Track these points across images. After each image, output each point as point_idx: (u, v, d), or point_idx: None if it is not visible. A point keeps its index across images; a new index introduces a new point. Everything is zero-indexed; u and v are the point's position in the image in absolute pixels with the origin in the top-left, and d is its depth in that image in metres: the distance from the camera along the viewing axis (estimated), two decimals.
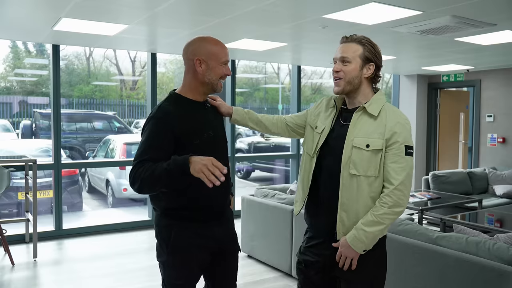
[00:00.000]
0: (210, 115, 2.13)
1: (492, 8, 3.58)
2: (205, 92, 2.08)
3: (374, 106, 1.97)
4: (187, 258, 2.03)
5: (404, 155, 1.91)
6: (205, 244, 2.06)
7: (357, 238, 1.90)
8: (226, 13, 3.85)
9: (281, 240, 4.21)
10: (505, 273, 2.40)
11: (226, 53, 2.07)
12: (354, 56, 1.96)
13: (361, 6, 3.53)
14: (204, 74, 2.01)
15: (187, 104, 2.03)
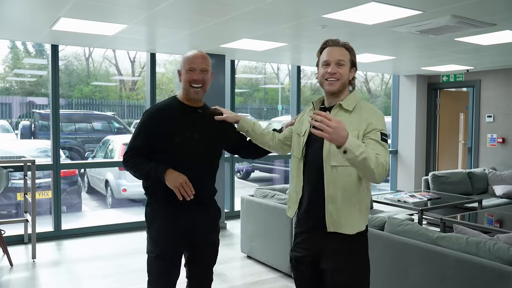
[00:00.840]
0: (200, 119, 2.40)
1: (492, 8, 3.57)
2: (190, 98, 2.39)
3: (349, 102, 2.15)
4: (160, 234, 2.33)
5: (380, 140, 2.03)
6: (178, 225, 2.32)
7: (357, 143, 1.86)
8: (225, 13, 3.84)
9: (280, 240, 4.20)
10: (506, 274, 2.39)
11: (192, 61, 2.34)
12: (346, 60, 2.18)
13: (361, 6, 3.52)
14: (182, 82, 2.37)
15: (178, 107, 2.38)
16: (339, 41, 2.22)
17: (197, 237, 2.39)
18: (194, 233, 2.37)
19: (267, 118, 17.15)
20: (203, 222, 2.40)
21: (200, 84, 2.35)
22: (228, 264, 4.62)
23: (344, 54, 2.18)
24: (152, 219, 2.37)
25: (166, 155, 2.29)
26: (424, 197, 5.43)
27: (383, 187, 9.67)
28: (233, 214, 6.59)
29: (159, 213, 2.34)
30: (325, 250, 2.12)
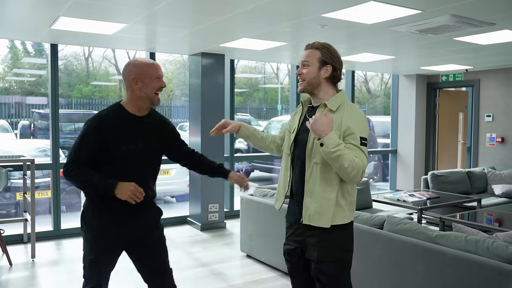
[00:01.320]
0: (145, 128, 2.39)
1: (491, 7, 3.57)
2: (144, 106, 2.37)
3: (333, 102, 2.25)
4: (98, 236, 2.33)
5: (359, 145, 2.15)
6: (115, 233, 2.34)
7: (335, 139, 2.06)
8: (225, 12, 3.84)
9: (280, 239, 4.18)
10: (504, 272, 2.40)
11: (158, 69, 2.36)
12: (312, 60, 2.27)
13: (360, 5, 3.52)
14: (141, 90, 2.31)
15: (124, 116, 2.35)
16: (313, 43, 2.31)
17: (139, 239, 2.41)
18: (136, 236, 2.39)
19: (266, 118, 17.15)
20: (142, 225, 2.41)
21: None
22: (228, 263, 4.62)
23: (311, 54, 2.28)
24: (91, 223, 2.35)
25: (109, 166, 2.30)
26: (423, 196, 5.43)
27: (382, 186, 9.68)
28: (232, 213, 6.59)
29: (99, 217, 2.34)
30: (307, 242, 2.28)
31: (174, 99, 14.52)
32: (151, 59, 2.42)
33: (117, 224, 2.34)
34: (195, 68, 6.05)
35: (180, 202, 7.78)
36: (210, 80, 5.98)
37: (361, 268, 3.17)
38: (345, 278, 2.28)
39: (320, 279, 2.23)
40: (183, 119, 12.41)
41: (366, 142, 2.18)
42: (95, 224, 2.34)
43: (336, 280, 2.23)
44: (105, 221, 2.33)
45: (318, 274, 2.23)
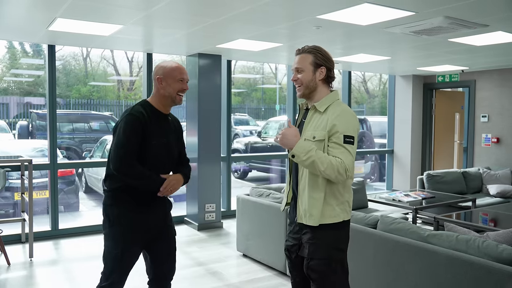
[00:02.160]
0: (168, 125, 2.60)
1: (484, 9, 3.61)
2: (167, 104, 2.57)
3: (322, 104, 2.33)
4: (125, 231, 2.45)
5: (342, 143, 2.20)
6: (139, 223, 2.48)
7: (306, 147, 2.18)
8: (221, 14, 3.87)
9: (275, 239, 4.23)
10: (493, 270, 2.44)
11: (182, 72, 2.54)
12: (305, 64, 2.34)
13: (355, 7, 3.56)
14: (165, 89, 2.51)
15: (153, 111, 2.53)
16: (304, 47, 2.36)
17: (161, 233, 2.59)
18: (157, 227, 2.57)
19: (265, 118, 17.18)
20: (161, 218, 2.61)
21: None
22: (224, 262, 4.66)
23: (304, 59, 2.34)
24: (119, 219, 2.46)
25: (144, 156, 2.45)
26: (418, 196, 5.47)
27: (379, 186, 9.73)
28: (229, 213, 6.63)
29: (127, 214, 2.46)
30: (302, 239, 2.37)
31: None
32: (179, 63, 2.58)
33: (143, 217, 2.48)
34: (192, 68, 6.08)
35: (178, 202, 7.81)
36: (207, 80, 6.02)
37: (354, 267, 3.21)
38: (336, 275, 2.31)
39: (309, 275, 2.32)
40: (181, 118, 12.45)
41: (351, 140, 2.22)
42: (123, 219, 2.46)
43: (325, 277, 2.29)
44: (133, 215, 2.46)
45: (308, 271, 2.32)
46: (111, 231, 2.48)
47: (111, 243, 2.48)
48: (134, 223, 2.47)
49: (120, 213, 2.47)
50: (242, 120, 15.68)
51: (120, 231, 2.46)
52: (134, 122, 2.41)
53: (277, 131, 11.26)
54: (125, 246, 2.46)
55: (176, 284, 3.93)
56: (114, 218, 2.47)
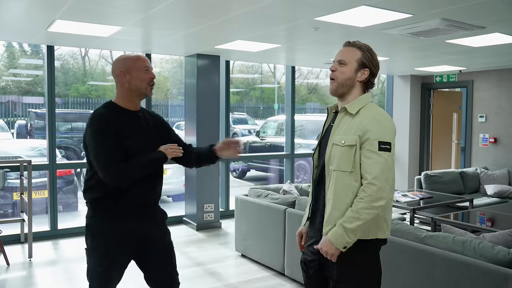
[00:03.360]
0: (142, 123, 2.38)
1: (480, 11, 3.63)
2: (135, 99, 2.36)
3: (354, 106, 2.06)
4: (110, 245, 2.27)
5: (377, 151, 1.95)
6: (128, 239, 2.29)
7: (338, 233, 1.94)
8: (220, 15, 3.89)
9: (274, 239, 4.26)
10: (489, 272, 2.47)
11: (145, 60, 2.34)
12: (350, 59, 2.08)
13: (352, 9, 3.58)
14: (130, 83, 2.30)
15: (120, 111, 2.31)
16: (357, 42, 2.14)
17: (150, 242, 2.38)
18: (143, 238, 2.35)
19: (263, 117, 17.20)
20: (154, 227, 2.40)
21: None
22: (222, 262, 4.68)
23: (351, 53, 2.09)
24: (101, 233, 2.28)
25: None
26: (416, 197, 5.50)
27: None
28: (227, 213, 6.65)
29: (109, 226, 2.27)
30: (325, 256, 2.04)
31: (171, 98, 14.56)
32: (138, 53, 2.41)
33: (129, 229, 2.28)
34: (191, 69, 6.10)
35: (176, 202, 7.83)
36: (206, 80, 6.04)
37: None
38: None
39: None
40: (180, 118, 12.45)
41: (388, 147, 1.97)
42: (105, 232, 2.26)
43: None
44: (116, 227, 2.27)
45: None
46: (94, 246, 2.29)
47: (95, 259, 2.29)
48: (120, 234, 2.26)
49: (103, 225, 2.26)
50: (240, 119, 15.70)
51: (104, 245, 2.26)
52: (100, 122, 2.22)
53: (275, 131, 11.28)
54: (111, 262, 2.27)
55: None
56: (96, 231, 2.28)
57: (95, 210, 2.32)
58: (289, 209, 4.09)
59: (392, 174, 1.98)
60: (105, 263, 2.28)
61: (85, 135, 2.28)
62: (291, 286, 4.00)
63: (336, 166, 2.01)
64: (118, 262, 2.32)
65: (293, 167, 7.43)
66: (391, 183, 1.98)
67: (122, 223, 2.28)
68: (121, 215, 2.28)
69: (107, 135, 2.20)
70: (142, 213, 2.34)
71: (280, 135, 10.78)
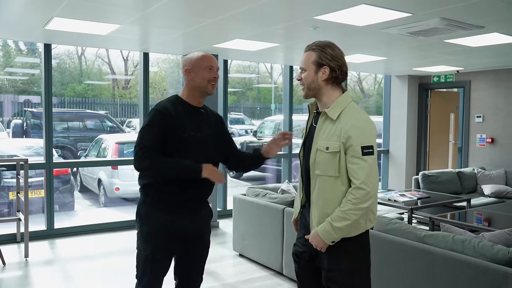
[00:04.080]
0: (202, 119, 2.45)
1: (480, 11, 3.64)
2: (199, 96, 2.43)
3: (334, 110, 2.12)
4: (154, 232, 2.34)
5: (361, 156, 2.02)
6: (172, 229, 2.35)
7: (326, 230, 2.06)
8: (218, 14, 3.87)
9: (272, 239, 4.24)
10: (489, 271, 2.46)
11: (210, 60, 2.40)
12: (308, 64, 2.16)
13: (352, 8, 3.57)
14: (193, 80, 2.38)
15: (183, 105, 2.40)
16: (310, 45, 2.19)
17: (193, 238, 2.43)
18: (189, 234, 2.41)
19: (260, 117, 17.21)
20: (198, 223, 2.45)
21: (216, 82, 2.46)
22: (220, 262, 4.66)
23: (307, 58, 2.16)
24: (147, 218, 2.37)
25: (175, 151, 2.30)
26: (414, 196, 5.50)
27: None
28: (225, 213, 6.63)
29: (156, 213, 2.35)
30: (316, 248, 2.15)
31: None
32: (206, 52, 2.45)
33: (174, 219, 2.35)
34: None
35: None
36: None
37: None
38: (359, 285, 2.18)
39: (329, 287, 2.16)
40: None
41: (370, 150, 2.03)
42: (152, 218, 2.35)
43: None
44: (162, 215, 2.34)
45: (328, 282, 2.15)
46: (141, 231, 2.38)
47: (142, 243, 2.37)
48: (163, 224, 2.33)
49: (149, 212, 2.36)
50: (237, 120, 15.69)
51: (149, 231, 2.35)
52: (158, 116, 2.31)
53: (272, 131, 11.28)
54: (155, 247, 2.34)
55: (173, 284, 3.93)
56: (143, 216, 2.38)
57: (144, 196, 2.41)
58: (287, 209, 4.08)
59: (376, 175, 2.08)
60: (148, 247, 2.35)
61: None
62: (289, 285, 3.99)
63: (322, 171, 2.10)
64: (162, 248, 2.37)
65: (291, 166, 7.42)
66: (376, 184, 2.08)
67: (169, 214, 2.35)
68: (167, 205, 2.35)
69: (156, 127, 2.28)
70: (192, 208, 2.42)
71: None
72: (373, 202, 2.08)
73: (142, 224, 2.38)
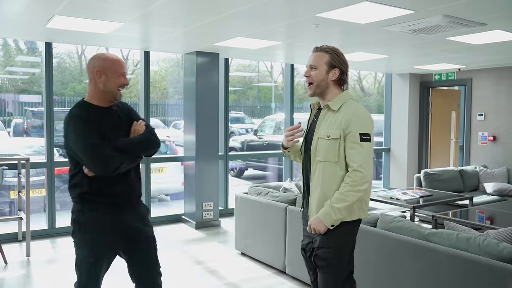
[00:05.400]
0: (115, 119, 2.40)
1: (483, 8, 3.62)
2: (108, 100, 2.37)
3: (335, 103, 2.37)
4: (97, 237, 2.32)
5: (359, 141, 2.27)
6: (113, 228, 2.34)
7: (326, 212, 2.28)
8: (219, 12, 3.86)
9: (274, 237, 4.23)
10: (494, 268, 2.45)
11: (122, 66, 2.38)
12: (320, 63, 2.38)
13: (354, 5, 3.55)
14: (105, 84, 2.32)
15: (93, 108, 2.34)
16: (322, 47, 2.41)
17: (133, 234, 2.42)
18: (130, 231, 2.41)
19: (260, 116, 17.18)
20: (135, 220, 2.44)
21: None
22: (223, 261, 4.65)
23: (320, 57, 2.38)
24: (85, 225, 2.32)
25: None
26: (416, 195, 5.49)
27: (375, 184, 9.74)
28: (227, 212, 6.62)
29: (93, 218, 2.32)
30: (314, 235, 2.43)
31: (168, 97, 14.51)
32: (116, 55, 2.41)
33: (114, 220, 2.34)
34: (190, 66, 6.06)
35: (175, 201, 7.79)
36: (205, 78, 6.00)
37: (355, 265, 3.21)
38: (343, 266, 2.40)
39: (316, 263, 2.40)
40: (177, 117, 12.41)
41: (368, 138, 2.28)
42: (92, 225, 2.32)
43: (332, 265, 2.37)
44: (102, 219, 2.32)
45: (315, 258, 2.40)
46: (83, 239, 2.33)
47: (84, 251, 2.33)
48: (106, 227, 2.32)
49: (90, 219, 2.31)
50: (237, 118, 15.67)
51: (92, 237, 2.31)
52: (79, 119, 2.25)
53: (272, 130, 11.27)
54: (100, 252, 2.33)
55: (174, 283, 3.93)
56: (83, 224, 2.32)
57: (81, 204, 2.35)
58: (290, 207, 4.06)
59: (371, 162, 2.32)
60: (92, 254, 2.32)
61: (66, 135, 2.30)
62: (292, 284, 3.97)
63: (323, 157, 2.33)
64: (105, 254, 2.37)
65: (292, 165, 7.41)
66: (371, 170, 2.32)
67: (110, 215, 2.34)
68: (106, 208, 2.33)
69: (88, 127, 2.25)
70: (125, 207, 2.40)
71: (278, 133, 10.77)
72: (368, 188, 2.32)
73: (83, 232, 2.32)
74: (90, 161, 2.22)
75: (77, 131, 2.24)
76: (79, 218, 2.34)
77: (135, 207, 2.47)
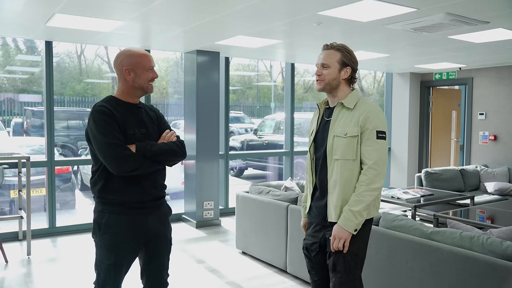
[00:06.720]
0: (142, 115, 2.40)
1: (485, 6, 3.61)
2: (137, 95, 2.39)
3: (349, 100, 2.35)
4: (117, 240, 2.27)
5: (375, 139, 2.26)
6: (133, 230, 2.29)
7: (347, 218, 2.23)
8: (220, 10, 3.84)
9: (276, 236, 4.22)
10: (498, 267, 2.44)
11: (150, 60, 2.36)
12: (332, 61, 2.35)
13: (356, 3, 3.54)
14: (134, 81, 2.32)
15: (121, 104, 2.33)
16: (333, 44, 2.39)
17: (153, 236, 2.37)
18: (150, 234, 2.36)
19: (259, 116, 17.17)
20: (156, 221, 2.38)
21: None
22: (223, 260, 4.64)
23: (331, 56, 2.35)
24: (105, 226, 2.27)
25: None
26: (417, 194, 5.48)
27: None
28: (227, 211, 6.61)
29: (113, 219, 2.27)
30: (325, 235, 2.36)
31: (167, 97, 14.49)
32: (143, 50, 2.40)
33: (134, 222, 2.29)
34: (190, 65, 6.05)
35: (175, 200, 7.78)
36: (205, 77, 5.99)
37: None
38: (358, 270, 2.35)
39: (335, 268, 2.31)
40: (177, 116, 12.39)
41: (383, 136, 2.28)
42: (112, 227, 2.26)
43: (350, 271, 2.30)
44: (123, 222, 2.27)
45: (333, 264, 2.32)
46: (103, 240, 2.28)
47: (103, 252, 2.29)
48: (126, 230, 2.26)
49: (110, 220, 2.26)
50: (237, 118, 15.66)
51: (111, 239, 2.26)
52: (101, 114, 2.21)
53: (272, 129, 11.25)
54: (118, 256, 2.28)
55: (175, 282, 3.91)
56: (103, 226, 2.27)
57: (102, 205, 2.30)
58: (291, 206, 4.05)
59: (386, 159, 2.31)
60: (112, 255, 2.28)
61: (88, 130, 2.27)
62: (294, 283, 3.96)
63: (341, 155, 2.28)
64: (125, 257, 2.32)
65: (293, 164, 7.40)
66: (385, 167, 2.31)
67: (129, 216, 2.28)
68: (127, 209, 2.28)
69: (110, 125, 2.21)
70: (147, 208, 2.34)
71: (278, 133, 10.75)
72: (382, 186, 2.29)
73: (103, 233, 2.28)
74: (104, 159, 2.20)
75: (97, 126, 2.20)
76: (99, 219, 2.30)
77: (158, 208, 2.41)
